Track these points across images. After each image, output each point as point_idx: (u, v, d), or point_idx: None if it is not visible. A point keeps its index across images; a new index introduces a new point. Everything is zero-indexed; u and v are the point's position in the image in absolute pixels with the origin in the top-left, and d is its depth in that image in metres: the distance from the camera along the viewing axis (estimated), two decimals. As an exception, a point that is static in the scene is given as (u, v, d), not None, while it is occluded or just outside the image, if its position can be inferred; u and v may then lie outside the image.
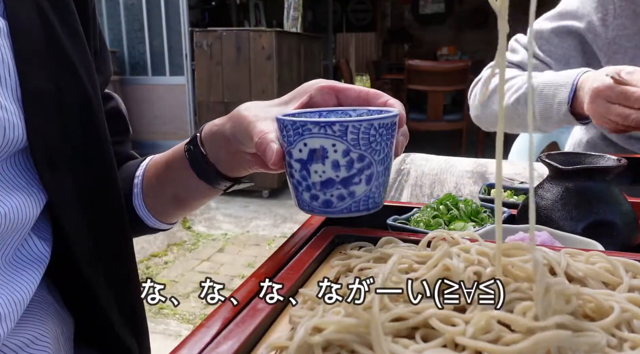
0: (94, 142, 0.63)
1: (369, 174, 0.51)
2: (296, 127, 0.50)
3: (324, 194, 0.52)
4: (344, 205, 0.52)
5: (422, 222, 0.67)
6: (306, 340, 0.34)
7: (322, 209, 0.53)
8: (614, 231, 0.58)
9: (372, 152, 0.51)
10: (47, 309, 0.62)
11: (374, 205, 0.54)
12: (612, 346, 0.33)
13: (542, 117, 1.15)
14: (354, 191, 0.52)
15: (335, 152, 0.50)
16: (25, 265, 0.58)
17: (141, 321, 0.70)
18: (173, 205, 0.71)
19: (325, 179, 0.51)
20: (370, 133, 0.50)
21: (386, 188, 0.56)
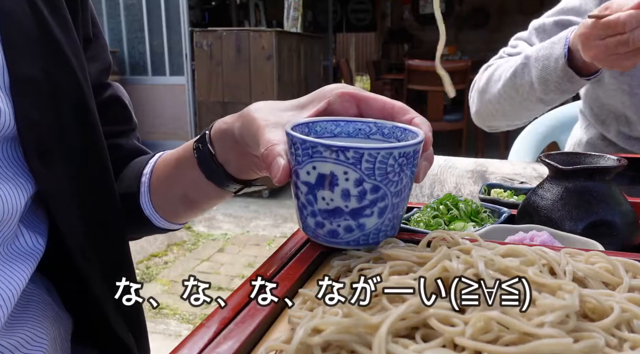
0: (85, 130, 0.62)
1: (382, 207, 0.46)
2: (306, 148, 0.45)
3: (330, 224, 0.47)
4: (352, 237, 0.47)
5: (422, 222, 0.67)
6: (305, 341, 0.34)
7: (327, 238, 0.48)
8: (614, 231, 0.58)
9: (388, 183, 0.45)
10: (45, 310, 0.62)
11: (384, 237, 0.49)
12: (612, 346, 0.33)
13: (541, 81, 1.12)
14: (363, 224, 0.47)
15: (347, 180, 0.44)
16: (15, 259, 0.58)
17: (138, 316, 0.70)
18: (182, 205, 0.68)
19: (332, 208, 0.46)
20: (389, 163, 0.45)
21: (401, 219, 0.50)
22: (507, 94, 1.21)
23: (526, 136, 1.64)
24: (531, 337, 0.32)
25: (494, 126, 1.36)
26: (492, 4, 7.30)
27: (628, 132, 1.25)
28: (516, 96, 1.20)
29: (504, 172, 1.13)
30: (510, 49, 1.31)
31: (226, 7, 7.00)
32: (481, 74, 1.31)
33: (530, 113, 1.26)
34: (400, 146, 0.45)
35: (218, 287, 2.73)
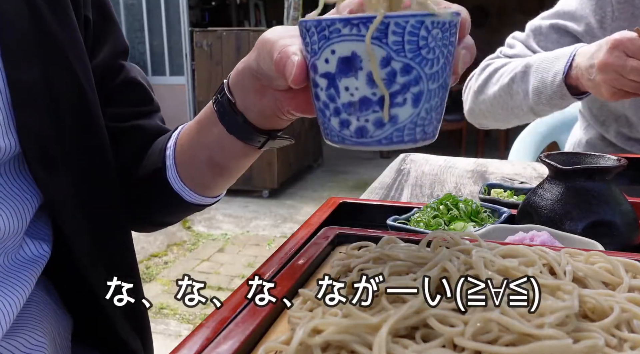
0: (89, 135, 0.61)
1: (416, 93, 0.39)
2: (321, 29, 0.39)
3: (357, 120, 0.40)
4: (384, 134, 0.40)
5: (422, 222, 0.67)
6: (305, 342, 0.34)
7: (355, 139, 0.41)
8: (614, 231, 0.58)
9: (421, 62, 0.38)
10: (45, 310, 0.62)
11: (423, 136, 0.41)
12: (612, 346, 0.33)
13: (535, 92, 1.14)
14: (396, 115, 0.39)
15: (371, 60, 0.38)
16: (20, 268, 0.58)
17: (143, 321, 0.70)
18: (210, 171, 0.63)
19: (358, 99, 0.39)
20: (420, 35, 0.37)
21: (441, 115, 0.43)
22: (502, 98, 1.23)
23: (526, 136, 1.64)
24: (531, 338, 0.32)
25: (484, 125, 1.37)
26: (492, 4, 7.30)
27: (628, 133, 1.25)
28: (509, 102, 1.22)
29: (504, 172, 1.13)
30: (507, 49, 1.31)
31: (226, 7, 7.00)
32: (478, 75, 1.32)
33: (518, 120, 1.29)
34: (434, 15, 0.38)
35: (218, 287, 2.73)
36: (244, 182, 4.16)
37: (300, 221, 3.55)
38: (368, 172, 4.76)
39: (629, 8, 1.17)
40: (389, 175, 1.12)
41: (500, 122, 1.32)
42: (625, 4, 1.17)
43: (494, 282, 0.37)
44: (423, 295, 0.36)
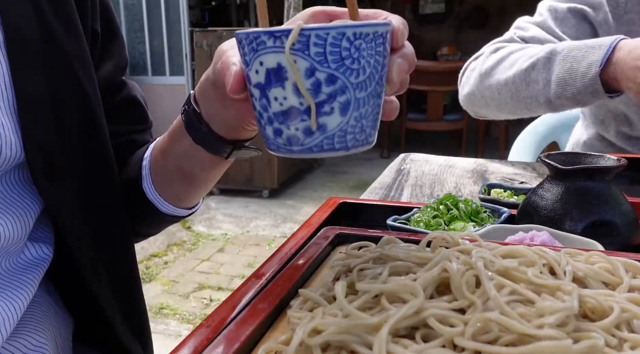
0: (92, 144, 0.61)
1: (343, 102, 0.40)
2: (250, 41, 0.40)
3: (287, 128, 0.41)
4: (314, 142, 0.41)
5: (422, 222, 0.67)
6: (305, 342, 0.34)
7: (288, 147, 0.42)
8: (614, 231, 0.58)
9: (346, 72, 0.39)
10: (46, 311, 0.62)
11: (354, 143, 0.42)
12: (612, 346, 0.33)
13: (560, 83, 1.03)
14: (324, 124, 0.40)
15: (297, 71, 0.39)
16: (23, 271, 0.58)
17: (143, 325, 0.70)
18: (180, 181, 0.64)
19: (287, 108, 0.40)
20: (342, 46, 0.38)
21: (375, 123, 0.44)
22: (515, 85, 1.11)
23: (526, 136, 1.64)
24: (531, 338, 0.32)
25: (481, 114, 1.27)
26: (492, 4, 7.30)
27: (628, 132, 1.24)
28: (524, 90, 1.11)
29: (504, 172, 1.13)
30: (521, 32, 1.20)
31: (226, 7, 7.00)
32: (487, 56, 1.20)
33: (529, 113, 1.18)
34: (355, 25, 0.39)
35: (218, 287, 2.73)
36: (244, 182, 4.16)
37: (300, 221, 3.56)
38: (368, 172, 4.76)
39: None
40: (389, 175, 1.12)
41: (502, 112, 1.20)
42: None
43: (494, 283, 0.37)
44: (423, 295, 0.36)
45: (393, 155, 4.88)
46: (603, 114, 1.27)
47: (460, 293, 0.37)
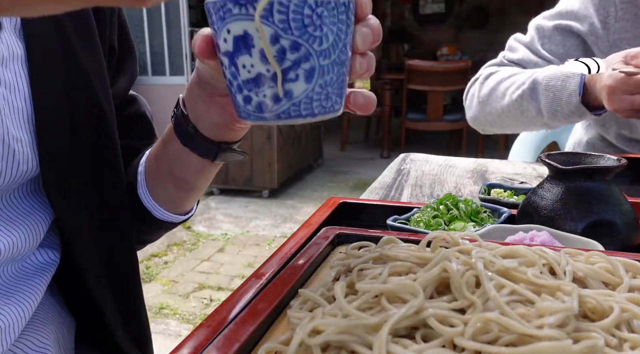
0: (105, 158, 0.62)
1: (308, 69, 0.41)
2: (217, 9, 0.41)
3: (256, 95, 0.42)
4: (281, 108, 0.42)
5: (422, 222, 0.67)
6: (305, 342, 0.34)
7: (257, 114, 0.43)
8: (614, 231, 0.58)
9: (309, 39, 0.40)
10: (49, 312, 0.62)
11: (321, 110, 0.43)
12: (612, 346, 0.33)
13: (550, 111, 1.12)
14: (290, 90, 0.42)
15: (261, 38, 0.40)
16: (31, 275, 0.59)
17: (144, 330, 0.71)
18: (172, 185, 0.65)
19: (254, 76, 0.42)
20: (304, 14, 0.40)
21: (341, 90, 0.45)
22: (512, 113, 1.21)
23: (526, 136, 1.64)
24: (531, 338, 0.32)
25: (489, 131, 1.36)
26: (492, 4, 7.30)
27: (628, 135, 1.25)
28: (520, 117, 1.20)
29: (504, 172, 1.13)
30: (510, 54, 1.29)
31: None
32: (481, 83, 1.30)
33: (531, 130, 1.29)
34: None
35: (218, 287, 2.73)
36: (244, 183, 4.16)
37: (300, 221, 3.56)
38: (368, 172, 4.76)
39: (632, 9, 1.16)
40: (389, 175, 1.12)
41: (508, 130, 1.30)
42: (628, 4, 1.16)
43: (494, 283, 0.37)
44: (423, 295, 0.36)
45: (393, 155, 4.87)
46: (604, 116, 1.28)
47: (460, 293, 0.37)
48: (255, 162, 4.10)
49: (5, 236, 0.54)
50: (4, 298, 0.55)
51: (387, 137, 5.44)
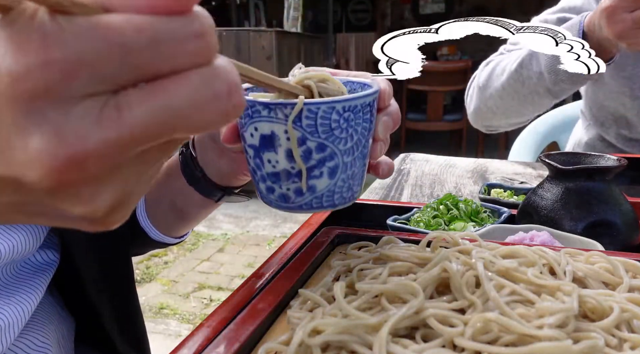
0: None
1: (332, 167, 0.43)
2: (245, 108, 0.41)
3: (279, 187, 0.44)
4: (304, 201, 0.44)
5: (422, 222, 0.66)
6: (305, 342, 0.34)
7: (280, 203, 0.45)
8: (614, 231, 0.58)
9: (335, 140, 0.42)
10: (49, 311, 0.62)
11: (341, 201, 0.46)
12: (612, 346, 0.33)
13: (551, 70, 1.08)
14: (314, 186, 0.43)
15: (289, 139, 0.41)
16: (31, 275, 0.59)
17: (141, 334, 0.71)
18: (172, 215, 0.67)
19: (279, 171, 0.43)
20: (332, 118, 0.41)
21: (361, 180, 0.47)
22: (512, 87, 1.17)
23: (526, 136, 1.64)
24: (531, 338, 0.32)
25: (493, 126, 1.33)
26: (492, 4, 7.30)
27: (628, 135, 1.25)
28: (522, 89, 1.15)
29: (504, 172, 1.13)
30: (511, 46, 1.27)
31: (226, 7, 7.00)
32: (481, 71, 1.28)
33: (535, 108, 1.23)
34: (344, 99, 0.41)
35: (218, 287, 2.73)
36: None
37: (300, 221, 3.55)
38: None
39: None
40: (389, 175, 1.12)
41: (512, 117, 1.25)
42: None
43: (494, 283, 0.37)
44: (423, 295, 0.36)
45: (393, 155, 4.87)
46: (604, 117, 1.28)
47: (460, 293, 0.37)
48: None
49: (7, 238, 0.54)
50: (4, 297, 0.56)
51: (387, 137, 5.43)
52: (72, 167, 0.21)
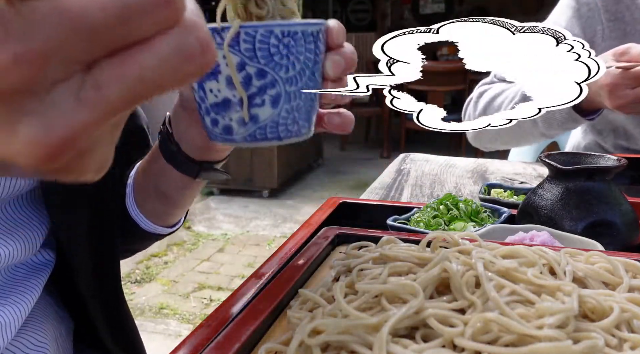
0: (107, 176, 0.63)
1: (274, 95, 0.42)
2: None
3: (222, 119, 0.44)
4: (247, 132, 0.44)
5: (422, 222, 0.66)
6: (305, 342, 0.34)
7: (224, 136, 0.45)
8: (614, 231, 0.58)
9: (275, 67, 0.42)
10: (46, 310, 0.62)
11: (287, 134, 0.45)
12: (612, 346, 0.33)
13: (545, 120, 1.13)
14: (256, 115, 0.43)
15: (228, 66, 0.41)
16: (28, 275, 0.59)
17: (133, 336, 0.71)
18: (158, 201, 0.67)
19: (221, 100, 0.43)
20: (271, 43, 0.41)
21: (308, 115, 0.46)
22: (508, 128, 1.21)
23: (526, 137, 1.64)
24: (531, 339, 0.32)
25: (491, 148, 1.36)
26: (492, 4, 7.30)
27: (626, 145, 1.24)
28: (518, 130, 1.20)
29: (504, 172, 1.13)
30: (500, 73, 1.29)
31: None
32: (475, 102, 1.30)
33: (531, 142, 1.28)
34: (283, 24, 0.41)
35: (218, 287, 2.73)
36: (244, 183, 4.16)
37: (300, 221, 3.55)
38: (368, 172, 4.76)
39: (620, 25, 1.14)
40: (389, 175, 1.12)
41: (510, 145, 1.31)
42: (616, 22, 1.14)
43: (494, 283, 0.37)
44: (423, 295, 0.36)
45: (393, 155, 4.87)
46: (601, 125, 1.27)
47: (460, 293, 0.37)
48: (255, 162, 4.09)
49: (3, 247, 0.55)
50: (0, 298, 0.56)
51: (387, 137, 5.44)
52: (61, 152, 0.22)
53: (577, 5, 1.18)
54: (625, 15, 1.15)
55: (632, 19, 1.15)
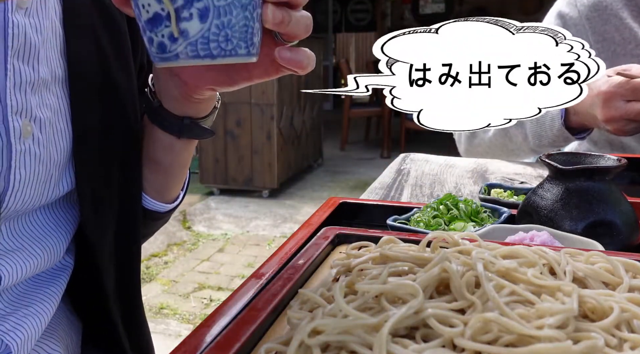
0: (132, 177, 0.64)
1: (201, 8, 0.42)
2: None
3: (155, 36, 0.44)
4: (179, 48, 0.43)
5: (422, 222, 0.67)
6: (305, 342, 0.34)
7: (159, 55, 0.44)
8: (614, 231, 0.58)
9: None
10: (59, 317, 0.62)
11: (220, 52, 0.44)
12: (612, 347, 0.33)
13: (535, 136, 1.13)
14: (186, 30, 0.42)
15: None
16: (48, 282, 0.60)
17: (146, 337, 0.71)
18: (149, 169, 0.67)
19: (152, 15, 0.43)
20: None
21: (245, 35, 0.45)
22: (499, 142, 1.22)
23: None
24: (531, 339, 0.32)
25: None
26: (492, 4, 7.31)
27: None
28: (509, 144, 1.21)
29: (504, 172, 1.13)
30: None
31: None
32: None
33: (522, 158, 1.28)
34: None
35: (218, 287, 2.73)
36: (244, 183, 4.16)
37: (300, 221, 3.55)
38: (368, 172, 4.76)
39: (610, 46, 1.14)
40: (389, 175, 1.12)
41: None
42: (604, 43, 1.14)
43: (494, 284, 0.37)
44: (422, 295, 0.36)
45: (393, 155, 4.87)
46: (597, 136, 1.26)
47: (460, 293, 0.37)
48: (255, 162, 4.09)
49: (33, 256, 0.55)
50: (22, 308, 0.56)
51: (387, 137, 5.44)
52: None
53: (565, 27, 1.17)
54: (614, 36, 1.14)
55: (621, 40, 1.14)
